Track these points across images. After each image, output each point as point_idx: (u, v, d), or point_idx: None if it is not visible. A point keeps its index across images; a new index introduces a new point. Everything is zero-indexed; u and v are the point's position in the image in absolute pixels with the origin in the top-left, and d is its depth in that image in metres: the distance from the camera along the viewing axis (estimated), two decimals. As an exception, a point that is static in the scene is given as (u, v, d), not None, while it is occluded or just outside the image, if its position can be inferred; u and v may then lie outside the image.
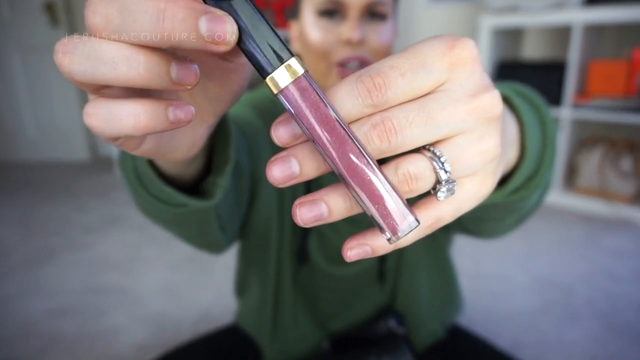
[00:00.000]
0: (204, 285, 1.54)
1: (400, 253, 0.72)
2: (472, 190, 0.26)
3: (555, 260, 1.68)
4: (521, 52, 2.62)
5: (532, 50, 2.61)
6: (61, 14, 2.95)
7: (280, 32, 2.61)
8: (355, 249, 0.25)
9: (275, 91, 0.22)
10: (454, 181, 0.24)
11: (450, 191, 0.24)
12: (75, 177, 2.86)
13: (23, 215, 2.23)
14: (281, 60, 0.22)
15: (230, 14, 0.21)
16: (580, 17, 2.00)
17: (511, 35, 2.46)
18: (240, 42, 0.22)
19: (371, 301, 0.74)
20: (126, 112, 0.22)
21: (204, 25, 0.20)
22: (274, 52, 0.22)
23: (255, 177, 0.61)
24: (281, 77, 0.22)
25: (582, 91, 2.16)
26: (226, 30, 0.20)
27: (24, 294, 1.53)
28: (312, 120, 0.22)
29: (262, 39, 0.22)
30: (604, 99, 2.01)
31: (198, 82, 0.23)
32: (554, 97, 2.17)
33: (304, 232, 0.69)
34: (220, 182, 0.40)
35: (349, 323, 0.75)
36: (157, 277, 1.62)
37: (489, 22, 2.26)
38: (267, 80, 0.22)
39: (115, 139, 0.25)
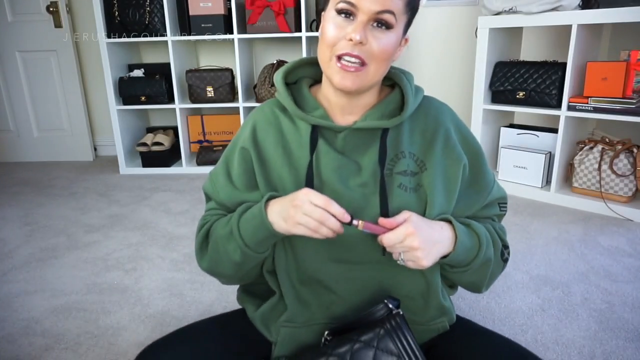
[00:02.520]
0: (206, 284, 1.56)
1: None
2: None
3: (552, 260, 1.69)
4: (520, 53, 2.64)
5: (531, 51, 2.63)
6: (63, 15, 2.97)
7: (280, 34, 2.62)
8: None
9: (360, 228, 0.70)
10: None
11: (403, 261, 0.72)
12: (78, 178, 2.88)
13: (26, 215, 2.25)
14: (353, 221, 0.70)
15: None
16: (578, 18, 2.01)
17: (510, 36, 2.48)
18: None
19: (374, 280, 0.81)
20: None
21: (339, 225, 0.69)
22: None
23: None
24: (359, 224, 0.70)
25: (580, 92, 2.18)
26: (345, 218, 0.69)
27: (27, 292, 1.54)
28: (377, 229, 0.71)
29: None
30: (601, 100, 2.03)
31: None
32: (552, 98, 2.18)
33: None
34: None
35: (350, 304, 0.81)
36: (159, 276, 1.63)
37: (487, 23, 2.28)
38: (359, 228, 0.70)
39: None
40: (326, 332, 0.77)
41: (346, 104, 0.77)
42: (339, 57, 0.69)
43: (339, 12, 0.69)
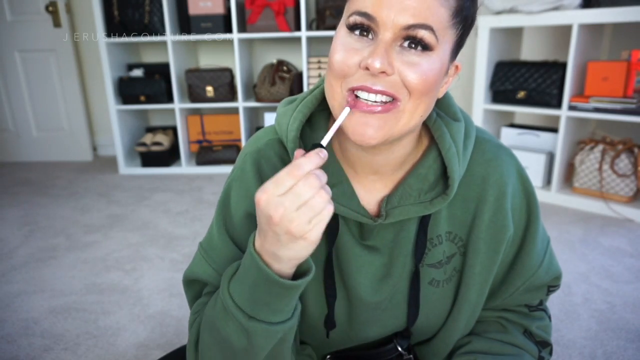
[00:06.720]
0: (205, 285, 1.55)
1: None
2: None
3: (553, 260, 1.69)
4: (520, 52, 2.64)
5: (531, 51, 2.62)
6: (62, 15, 2.96)
7: (280, 34, 2.62)
8: None
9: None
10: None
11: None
12: (77, 178, 2.87)
13: (26, 215, 2.25)
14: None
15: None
16: (579, 18, 2.01)
17: (510, 36, 2.47)
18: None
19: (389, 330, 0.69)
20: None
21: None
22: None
23: None
24: None
25: (581, 92, 2.18)
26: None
27: (26, 293, 1.54)
28: None
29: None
30: (602, 100, 2.02)
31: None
32: (553, 98, 2.18)
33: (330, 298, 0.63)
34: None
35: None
36: (158, 276, 1.63)
37: (488, 23, 2.28)
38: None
39: None
40: (328, 356, 0.71)
41: (370, 161, 0.56)
42: (353, 93, 0.48)
43: (352, 27, 0.48)
